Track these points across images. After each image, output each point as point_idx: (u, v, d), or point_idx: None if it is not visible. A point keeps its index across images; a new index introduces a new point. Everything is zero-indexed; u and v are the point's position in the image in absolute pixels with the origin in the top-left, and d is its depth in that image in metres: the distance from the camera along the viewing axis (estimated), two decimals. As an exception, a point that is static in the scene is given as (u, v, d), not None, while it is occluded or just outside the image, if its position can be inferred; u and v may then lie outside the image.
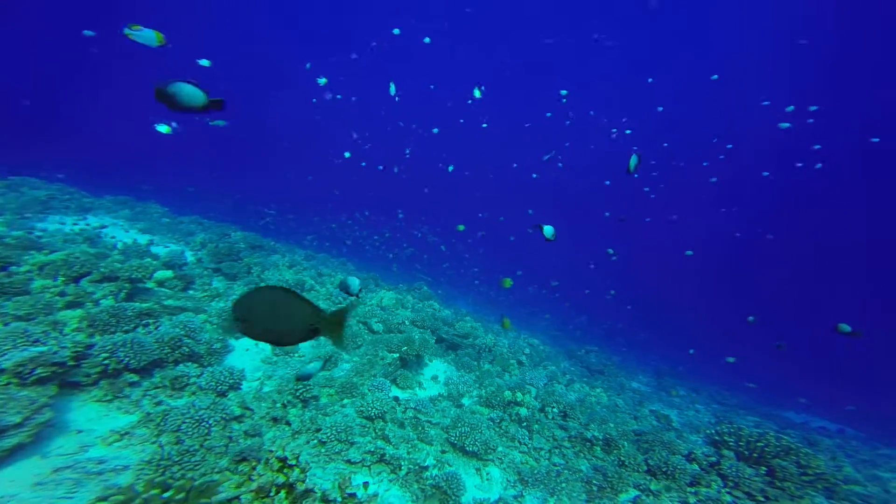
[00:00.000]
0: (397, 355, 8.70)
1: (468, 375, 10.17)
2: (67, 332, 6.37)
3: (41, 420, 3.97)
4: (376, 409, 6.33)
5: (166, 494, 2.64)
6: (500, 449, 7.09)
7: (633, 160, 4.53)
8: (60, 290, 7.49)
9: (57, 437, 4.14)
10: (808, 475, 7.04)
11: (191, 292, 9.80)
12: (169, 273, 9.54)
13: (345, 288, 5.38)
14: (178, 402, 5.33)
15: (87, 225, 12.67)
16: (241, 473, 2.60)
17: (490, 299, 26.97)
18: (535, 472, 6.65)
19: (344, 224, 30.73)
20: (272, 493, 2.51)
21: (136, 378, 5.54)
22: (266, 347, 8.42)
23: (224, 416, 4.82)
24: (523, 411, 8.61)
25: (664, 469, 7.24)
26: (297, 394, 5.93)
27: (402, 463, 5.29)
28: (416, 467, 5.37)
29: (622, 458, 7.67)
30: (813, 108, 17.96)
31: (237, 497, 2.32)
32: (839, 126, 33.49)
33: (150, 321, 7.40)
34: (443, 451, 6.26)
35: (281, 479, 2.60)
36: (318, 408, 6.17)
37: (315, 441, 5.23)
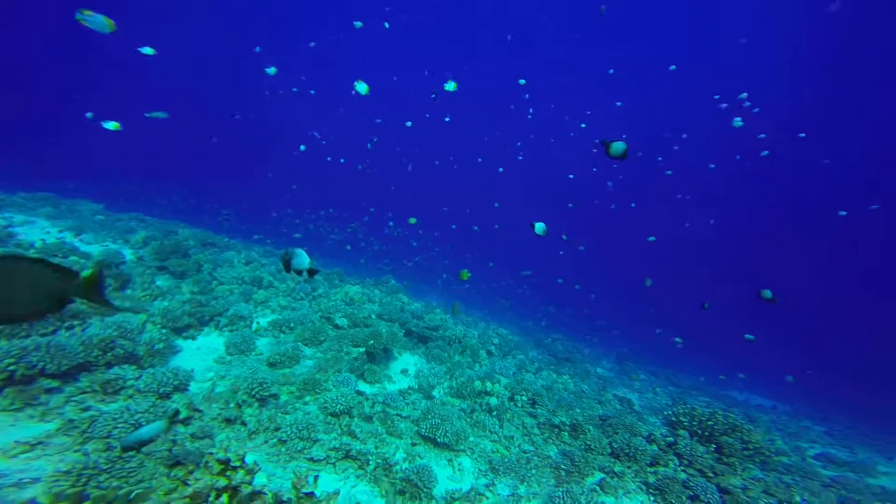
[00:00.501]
0: (364, 349, 8.33)
1: (439, 367, 9.95)
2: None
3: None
4: (342, 404, 5.97)
5: None
6: (471, 439, 6.94)
7: (620, 146, 4.44)
8: None
9: (-46, 454, 3.50)
10: (748, 450, 7.45)
11: (128, 291, 8.94)
12: (94, 270, 8.63)
13: (290, 264, 3.66)
14: (110, 407, 4.74)
15: (4, 221, 11.30)
16: (173, 479, 2.22)
17: (461, 293, 26.91)
18: (506, 460, 6.57)
19: (305, 220, 29.59)
20: (210, 499, 2.15)
21: (55, 384, 4.88)
22: (218, 345, 7.81)
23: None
24: (493, 401, 8.51)
25: (627, 451, 7.38)
26: (254, 393, 5.46)
27: (370, 458, 4.98)
28: (385, 462, 5.09)
29: (588, 443, 7.75)
30: (743, 94, 18.89)
31: (166, 504, 1.96)
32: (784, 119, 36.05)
33: (76, 322, 6.62)
34: (413, 444, 6.01)
35: (222, 482, 2.25)
36: (277, 406, 5.73)
37: (274, 440, 4.82)
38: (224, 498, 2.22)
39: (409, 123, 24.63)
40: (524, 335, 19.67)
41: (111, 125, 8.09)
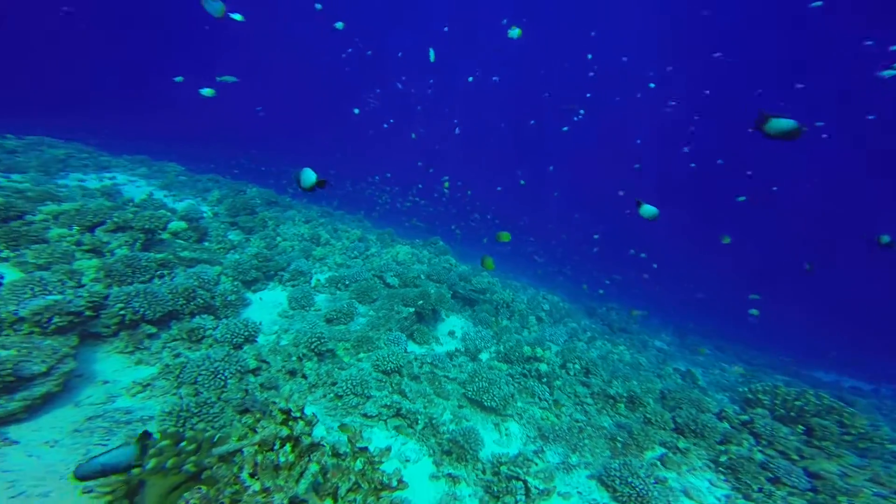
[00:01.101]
0: (413, 309, 8.69)
1: (486, 331, 10.16)
2: (85, 282, 6.56)
3: (65, 369, 4.10)
4: (392, 363, 6.37)
5: (180, 445, 2.64)
6: (519, 404, 7.13)
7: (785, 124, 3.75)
8: (77, 239, 7.58)
9: (85, 387, 4.30)
10: (850, 434, 6.85)
11: (206, 244, 9.90)
12: (183, 224, 9.59)
13: (300, 181, 4.03)
14: (195, 355, 5.46)
15: (111, 181, 12.90)
16: (244, 425, 2.54)
17: (505, 257, 26.74)
18: (556, 428, 6.67)
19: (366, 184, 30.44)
20: (276, 447, 2.45)
21: (154, 330, 5.68)
22: (282, 300, 8.54)
23: (240, 368, 4.91)
24: (543, 367, 8.58)
25: (693, 427, 7.17)
26: (313, 347, 5.99)
27: (419, 417, 5.36)
28: (433, 422, 5.43)
29: (648, 416, 7.63)
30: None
31: (239, 450, 2.27)
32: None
33: (166, 272, 7.55)
34: (460, 406, 6.33)
35: (285, 431, 2.53)
36: (334, 361, 6.26)
37: (332, 395, 5.32)
38: (287, 447, 2.51)
39: (470, 78, 23.70)
40: (576, 303, 19.31)
41: (207, 91, 8.66)
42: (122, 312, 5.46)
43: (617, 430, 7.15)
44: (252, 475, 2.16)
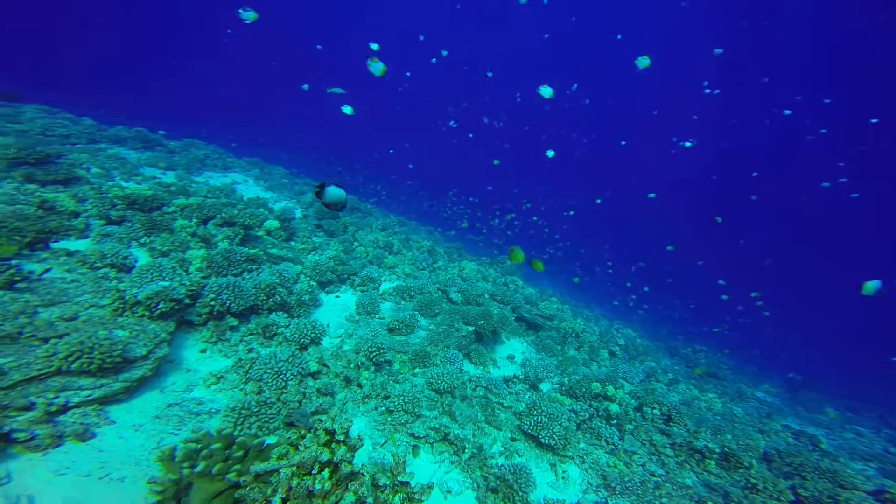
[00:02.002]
0: (473, 328, 8.56)
1: (549, 359, 9.65)
2: (192, 271, 7.53)
3: (160, 354, 4.71)
4: (446, 382, 6.30)
5: (228, 450, 2.83)
6: (582, 446, 6.61)
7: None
8: (193, 230, 8.73)
9: (172, 373, 4.90)
10: None
11: (292, 243, 10.82)
12: (276, 223, 10.57)
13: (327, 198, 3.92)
14: (265, 351, 5.93)
15: (230, 181, 15.05)
16: (286, 442, 2.63)
17: (582, 287, 25.31)
18: (626, 479, 6.03)
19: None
20: (314, 471, 2.48)
21: (235, 322, 6.29)
22: (350, 304, 8.95)
23: (301, 370, 5.22)
24: (614, 407, 7.89)
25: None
26: (372, 356, 6.16)
27: (467, 446, 5.20)
28: (482, 453, 5.24)
29: (752, 480, 6.57)
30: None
31: (276, 470, 2.35)
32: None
33: (254, 266, 8.39)
34: (512, 439, 6.03)
35: (325, 455, 2.56)
36: (390, 373, 6.37)
37: (383, 408, 5.40)
38: (326, 472, 2.54)
39: (489, 73, 23.17)
40: (656, 341, 17.58)
41: (347, 110, 9.57)
42: (212, 303, 6.14)
43: (707, 493, 6.25)
44: (284, 501, 2.21)
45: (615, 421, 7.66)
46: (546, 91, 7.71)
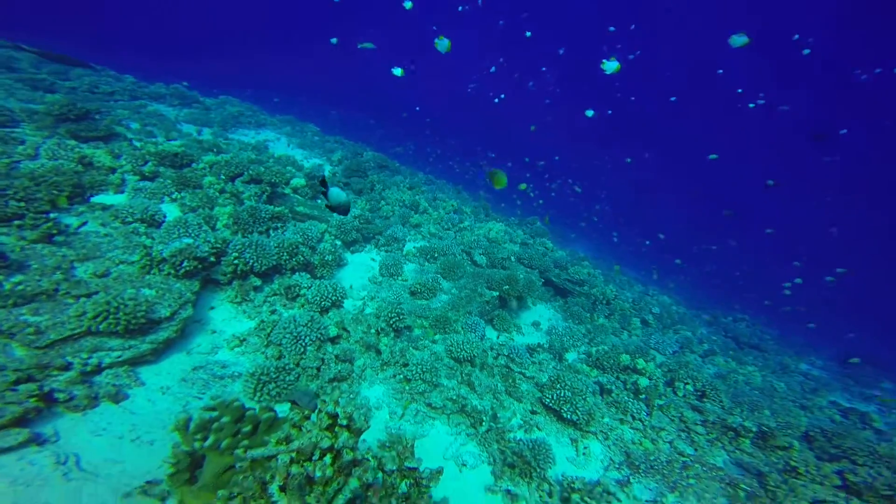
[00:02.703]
0: (497, 294, 8.40)
1: (577, 327, 9.43)
2: (219, 227, 7.70)
3: (185, 315, 4.88)
4: (466, 351, 6.26)
5: (238, 424, 2.87)
6: (606, 420, 6.51)
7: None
8: (221, 187, 8.84)
9: (198, 333, 5.09)
10: None
11: (319, 201, 10.81)
12: (302, 181, 10.52)
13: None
14: (287, 313, 6.05)
15: (263, 138, 15.17)
16: (288, 423, 2.60)
17: (612, 246, 24.26)
18: (651, 457, 5.88)
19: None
20: (315, 457, 2.46)
21: (258, 283, 6.42)
22: (374, 266, 8.97)
23: (320, 336, 5.29)
24: (643, 381, 7.67)
25: (886, 493, 5.64)
26: (392, 322, 6.17)
27: (484, 418, 5.21)
28: (500, 426, 5.24)
29: (792, 462, 6.30)
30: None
31: (274, 456, 2.33)
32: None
33: (279, 224, 8.47)
34: (533, 412, 6.00)
35: (326, 441, 2.52)
36: (410, 339, 6.39)
37: (401, 376, 5.45)
38: (327, 458, 2.51)
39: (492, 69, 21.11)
40: (694, 308, 16.82)
41: (398, 71, 9.20)
42: (236, 262, 6.25)
43: (740, 474, 6.07)
44: (282, 489, 2.20)
45: (643, 395, 7.48)
46: (611, 66, 6.97)
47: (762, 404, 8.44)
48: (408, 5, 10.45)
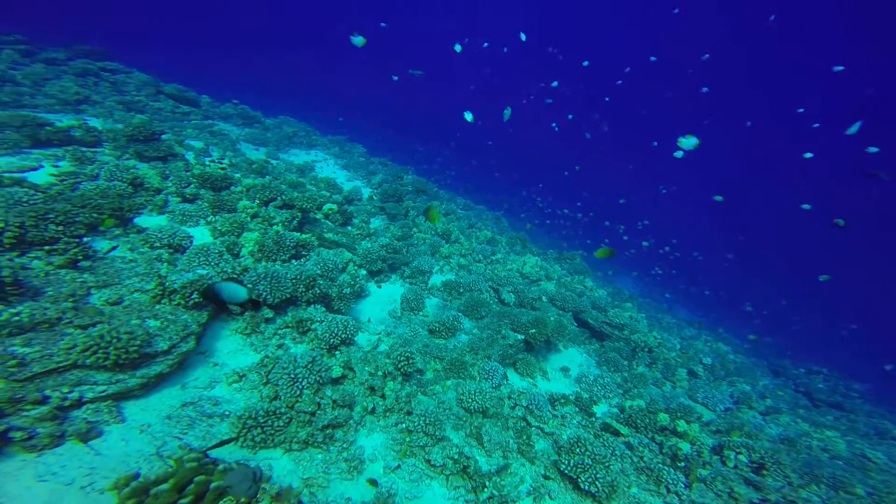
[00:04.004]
0: (522, 337, 7.85)
1: (612, 376, 8.62)
2: (244, 254, 7.84)
3: (185, 349, 4.86)
4: (478, 401, 5.79)
5: (178, 495, 2.62)
6: (633, 491, 5.73)
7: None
8: (254, 211, 9.07)
9: (199, 366, 5.05)
10: None
11: (349, 228, 10.89)
12: (334, 207, 10.66)
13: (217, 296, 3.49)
14: (296, 349, 5.92)
15: (311, 158, 15.91)
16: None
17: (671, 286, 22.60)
18: None
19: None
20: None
21: (271, 314, 6.38)
22: (397, 298, 8.73)
23: (319, 378, 5.06)
24: (685, 446, 6.77)
25: None
26: (400, 366, 5.85)
27: (488, 483, 4.68)
28: (503, 496, 4.69)
29: None
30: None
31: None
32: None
33: (304, 252, 8.51)
34: (545, 477, 5.37)
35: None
36: (419, 384, 6.03)
37: (403, 426, 5.08)
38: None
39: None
40: (754, 356, 15.07)
41: (468, 117, 9.41)
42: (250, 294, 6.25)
43: None
44: None
45: (683, 464, 6.56)
46: (688, 143, 7.07)
47: (848, 482, 7.12)
48: (458, 48, 11.44)
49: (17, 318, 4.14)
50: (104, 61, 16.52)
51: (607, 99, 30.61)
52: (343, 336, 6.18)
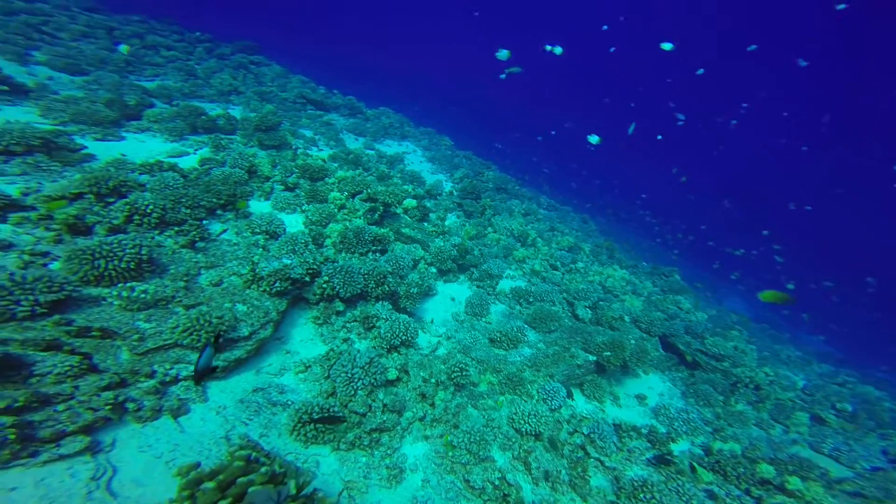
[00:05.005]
0: (594, 359, 7.36)
1: (700, 410, 7.68)
2: (326, 244, 8.55)
3: (263, 335, 5.52)
4: (531, 424, 5.63)
5: (253, 476, 3.01)
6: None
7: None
8: (342, 202, 9.83)
9: (274, 352, 5.71)
10: None
11: (425, 224, 11.21)
12: (413, 202, 11.04)
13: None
14: (360, 345, 6.34)
15: (402, 150, 16.73)
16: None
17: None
18: None
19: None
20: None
21: (342, 307, 6.90)
22: (462, 300, 8.81)
23: (374, 381, 5.35)
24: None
25: None
26: (453, 376, 5.93)
27: (527, 517, 4.56)
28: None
29: None
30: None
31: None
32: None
33: (379, 247, 9.00)
34: (597, 521, 5.05)
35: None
36: (471, 396, 6.06)
37: (447, 439, 5.18)
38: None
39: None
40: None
41: (594, 139, 9.60)
42: (324, 285, 6.84)
43: None
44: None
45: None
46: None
47: None
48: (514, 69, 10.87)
49: (144, 294, 5.10)
50: (254, 55, 19.18)
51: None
52: (403, 338, 6.44)
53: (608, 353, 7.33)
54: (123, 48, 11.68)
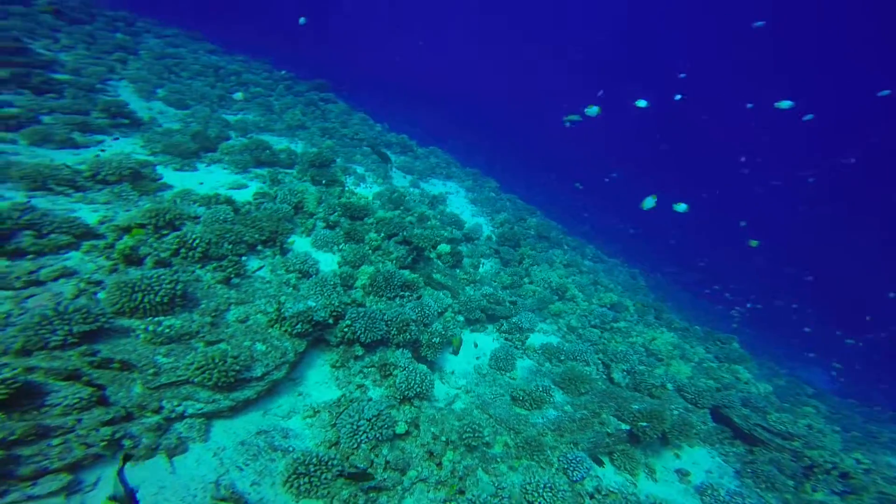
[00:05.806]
0: (627, 428, 6.70)
1: (760, 495, 6.63)
2: (356, 286, 8.68)
3: (275, 377, 5.60)
4: (546, 499, 5.13)
5: None
6: None
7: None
8: (378, 244, 10.04)
9: (285, 393, 5.77)
10: None
11: (457, 271, 11.18)
12: (447, 248, 11.12)
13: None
14: (373, 392, 6.26)
15: (446, 190, 17.10)
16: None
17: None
18: None
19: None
20: None
21: (361, 352, 6.91)
22: (488, 352, 8.51)
23: (379, 435, 5.19)
24: None
25: None
26: (464, 438, 5.63)
27: None
28: None
29: None
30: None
31: None
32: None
33: (408, 294, 9.00)
34: None
35: None
36: (483, 458, 5.68)
37: (451, 505, 4.84)
38: None
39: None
40: None
41: (651, 202, 9.55)
42: (346, 329, 6.91)
43: None
44: None
45: None
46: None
47: None
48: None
49: (169, 330, 5.43)
50: (324, 92, 21.06)
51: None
52: (418, 390, 6.27)
53: (644, 424, 6.65)
54: (238, 95, 13.21)
